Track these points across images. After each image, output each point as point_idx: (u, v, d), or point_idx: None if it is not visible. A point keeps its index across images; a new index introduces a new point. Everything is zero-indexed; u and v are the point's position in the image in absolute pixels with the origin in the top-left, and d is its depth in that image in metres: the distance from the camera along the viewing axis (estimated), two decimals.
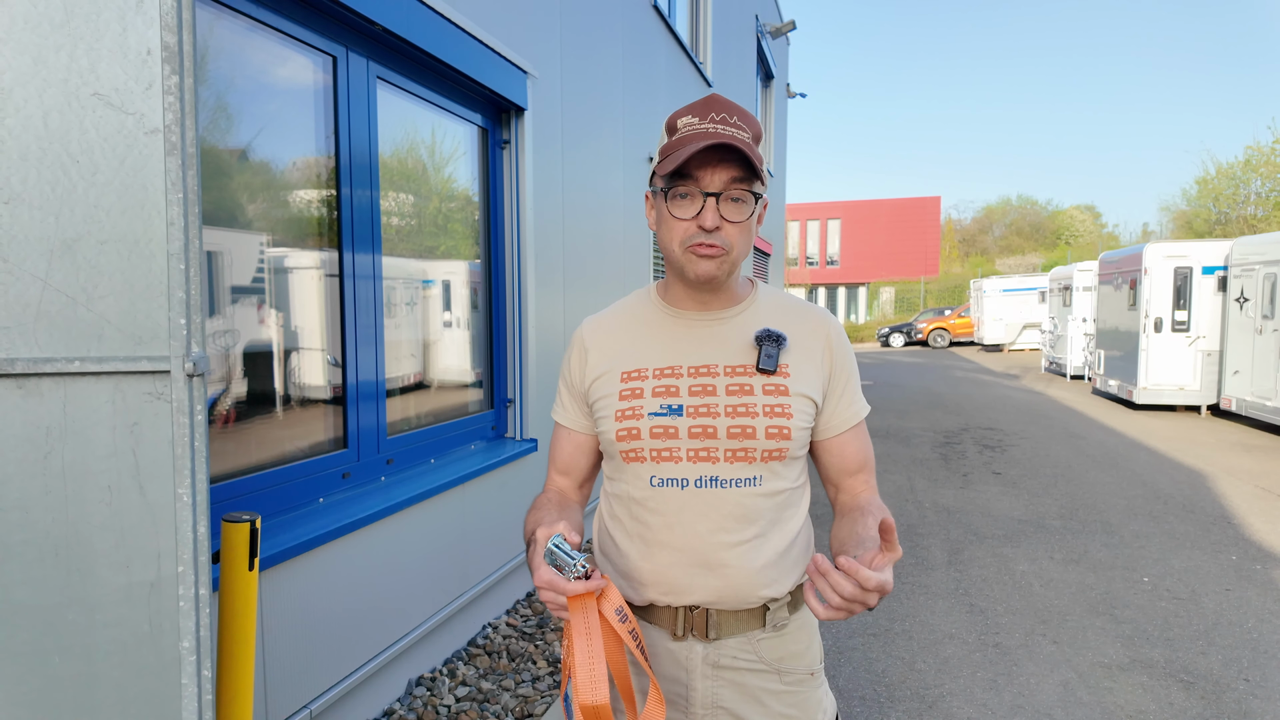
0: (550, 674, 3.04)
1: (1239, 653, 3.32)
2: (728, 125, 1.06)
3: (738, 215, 1.08)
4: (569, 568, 0.95)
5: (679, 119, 1.10)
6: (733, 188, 1.06)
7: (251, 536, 1.58)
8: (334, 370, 2.66)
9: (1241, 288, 9.26)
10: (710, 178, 1.06)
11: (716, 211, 1.06)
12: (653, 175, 1.13)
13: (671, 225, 1.09)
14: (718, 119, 1.07)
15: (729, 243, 1.08)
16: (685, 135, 1.07)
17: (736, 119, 1.07)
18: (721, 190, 1.06)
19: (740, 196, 1.07)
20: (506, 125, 3.74)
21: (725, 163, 1.05)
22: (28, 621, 1.11)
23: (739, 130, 1.07)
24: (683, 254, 1.10)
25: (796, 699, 1.15)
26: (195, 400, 1.15)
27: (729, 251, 1.09)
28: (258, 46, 2.30)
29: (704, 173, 1.06)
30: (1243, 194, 26.75)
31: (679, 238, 1.09)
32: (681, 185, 1.07)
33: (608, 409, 1.16)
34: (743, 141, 1.05)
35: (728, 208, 1.07)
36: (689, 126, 1.08)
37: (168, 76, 1.12)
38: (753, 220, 1.11)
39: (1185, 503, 5.78)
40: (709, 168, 1.05)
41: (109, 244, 1.13)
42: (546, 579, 0.95)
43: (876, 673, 3.18)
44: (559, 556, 0.96)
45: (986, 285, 22.53)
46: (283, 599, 2.18)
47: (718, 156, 1.05)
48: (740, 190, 1.07)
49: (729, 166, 1.06)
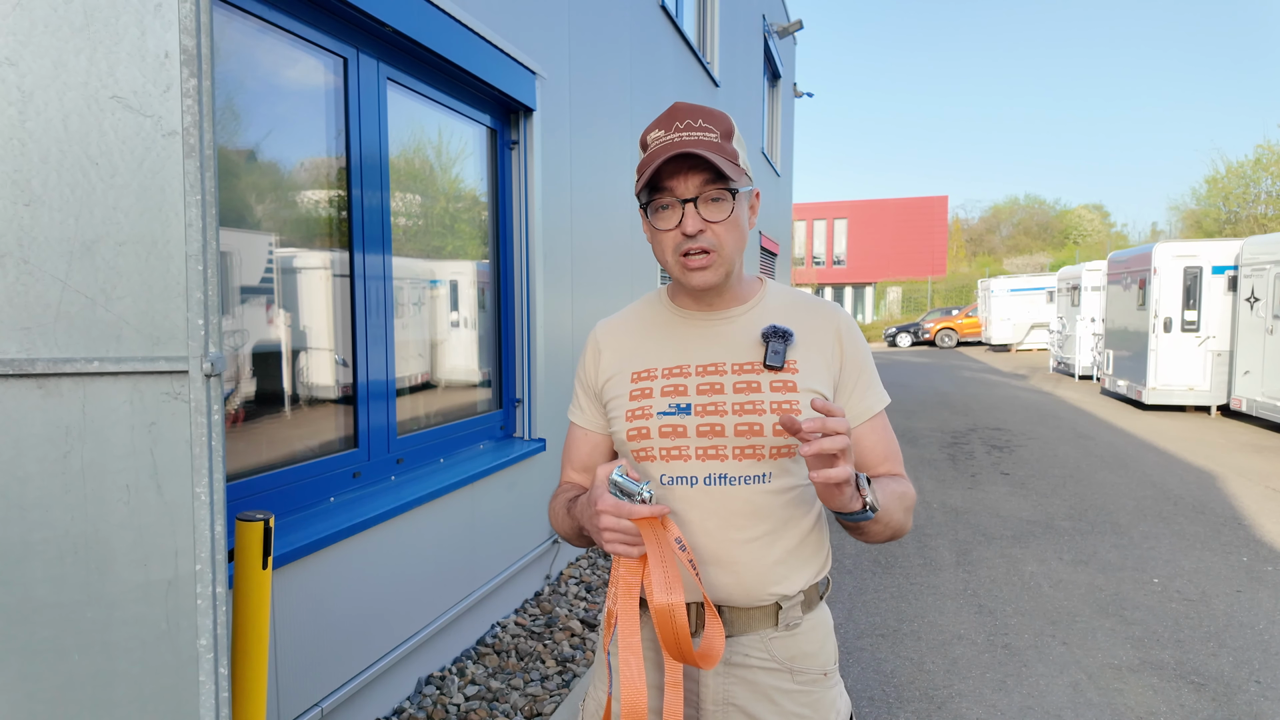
0: (559, 673, 3.04)
1: (1250, 654, 3.31)
2: (692, 130, 1.09)
3: (718, 215, 1.09)
4: (635, 493, 1.01)
5: (648, 135, 1.12)
6: (708, 189, 1.08)
7: (265, 535, 1.59)
8: (344, 370, 2.67)
9: (1252, 287, 9.20)
10: (683, 185, 1.08)
11: (697, 216, 1.08)
12: (637, 194, 1.15)
13: (660, 238, 1.12)
14: (681, 126, 1.09)
15: (716, 242, 1.10)
16: (654, 150, 1.10)
17: (702, 121, 1.09)
18: (696, 195, 1.08)
19: (718, 196, 1.09)
20: (515, 126, 3.75)
21: (695, 169, 1.08)
22: (49, 619, 1.12)
23: (704, 133, 1.09)
24: (677, 266, 1.12)
25: (809, 699, 1.15)
26: (212, 400, 1.16)
27: (719, 251, 1.11)
28: (270, 48, 2.31)
29: (676, 182, 1.08)
30: (1253, 193, 26.61)
31: (669, 248, 1.12)
32: (660, 198, 1.10)
33: (619, 409, 1.18)
34: (707, 144, 1.07)
35: (708, 209, 1.09)
36: (657, 140, 1.10)
37: (186, 79, 1.13)
38: (739, 215, 1.12)
39: (1195, 504, 5.76)
40: (680, 176, 1.08)
41: (127, 245, 1.14)
42: (611, 504, 1.00)
43: (885, 673, 3.18)
44: (624, 485, 1.01)
45: (994, 285, 22.45)
46: (294, 598, 2.20)
47: (687, 164, 1.07)
48: (716, 190, 1.08)
49: (698, 171, 1.08)
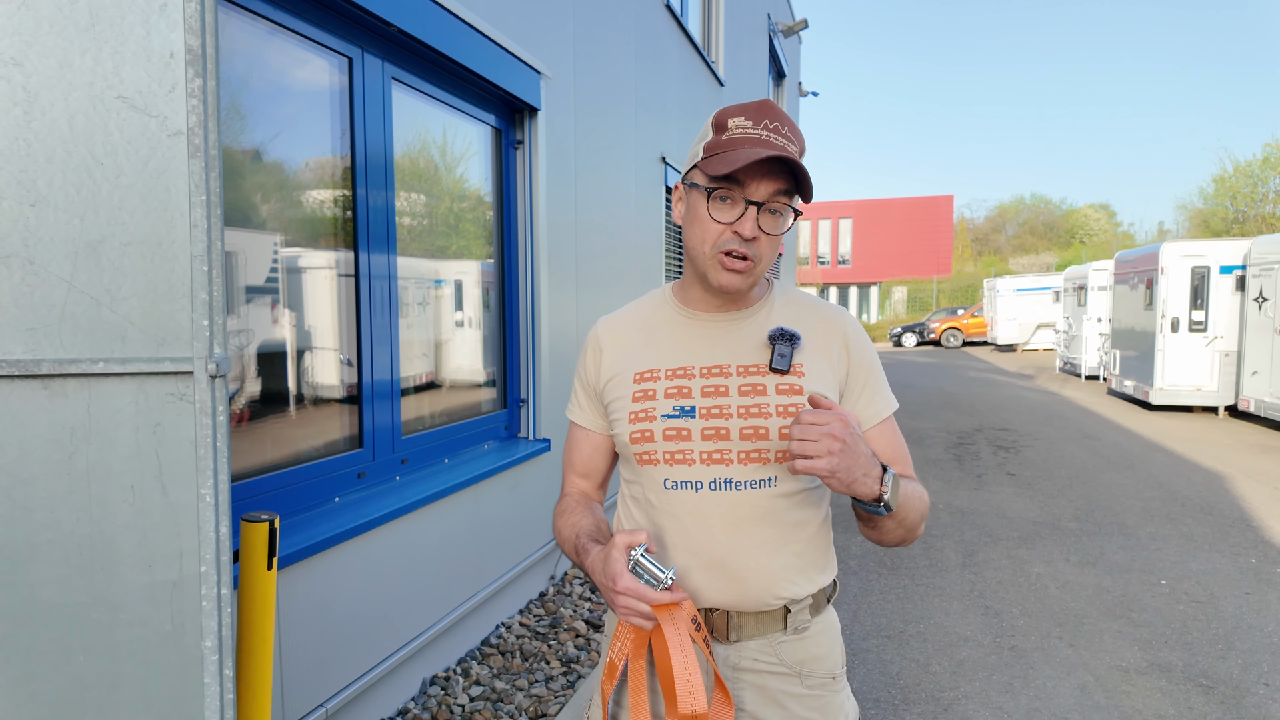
0: (564, 674, 3.04)
1: (1259, 657, 3.29)
2: (780, 135, 1.05)
3: (774, 228, 1.07)
4: (659, 580, 0.97)
5: (730, 118, 1.07)
6: (775, 200, 1.05)
7: (270, 536, 1.58)
8: (349, 370, 2.67)
9: (1260, 287, 9.14)
10: (757, 186, 1.04)
11: (756, 221, 1.05)
12: (691, 169, 1.11)
13: (707, 225, 1.07)
14: (771, 126, 1.05)
15: (759, 254, 1.07)
16: (738, 137, 1.05)
17: (788, 130, 1.06)
18: (765, 200, 1.05)
19: (779, 209, 1.06)
20: (520, 125, 3.74)
21: (774, 174, 1.04)
22: (53, 620, 1.12)
23: (790, 143, 1.05)
24: (713, 260, 1.08)
25: (818, 703, 1.14)
26: (218, 401, 1.16)
27: (757, 264, 1.08)
28: (275, 48, 2.31)
29: (752, 180, 1.04)
30: (1261, 192, 26.44)
31: (712, 239, 1.08)
32: (725, 188, 1.05)
33: (621, 410, 1.16)
34: (794, 155, 1.03)
35: (766, 219, 1.06)
36: (741, 129, 1.05)
37: (191, 79, 1.13)
38: (784, 234, 1.10)
39: (1203, 505, 5.72)
40: (757, 176, 1.04)
41: (132, 246, 1.14)
42: (631, 587, 0.96)
43: (891, 675, 3.17)
44: (647, 567, 0.97)
45: (1000, 285, 22.38)
46: (299, 598, 2.20)
47: (767, 166, 1.04)
48: (781, 204, 1.05)
49: (776, 178, 1.04)
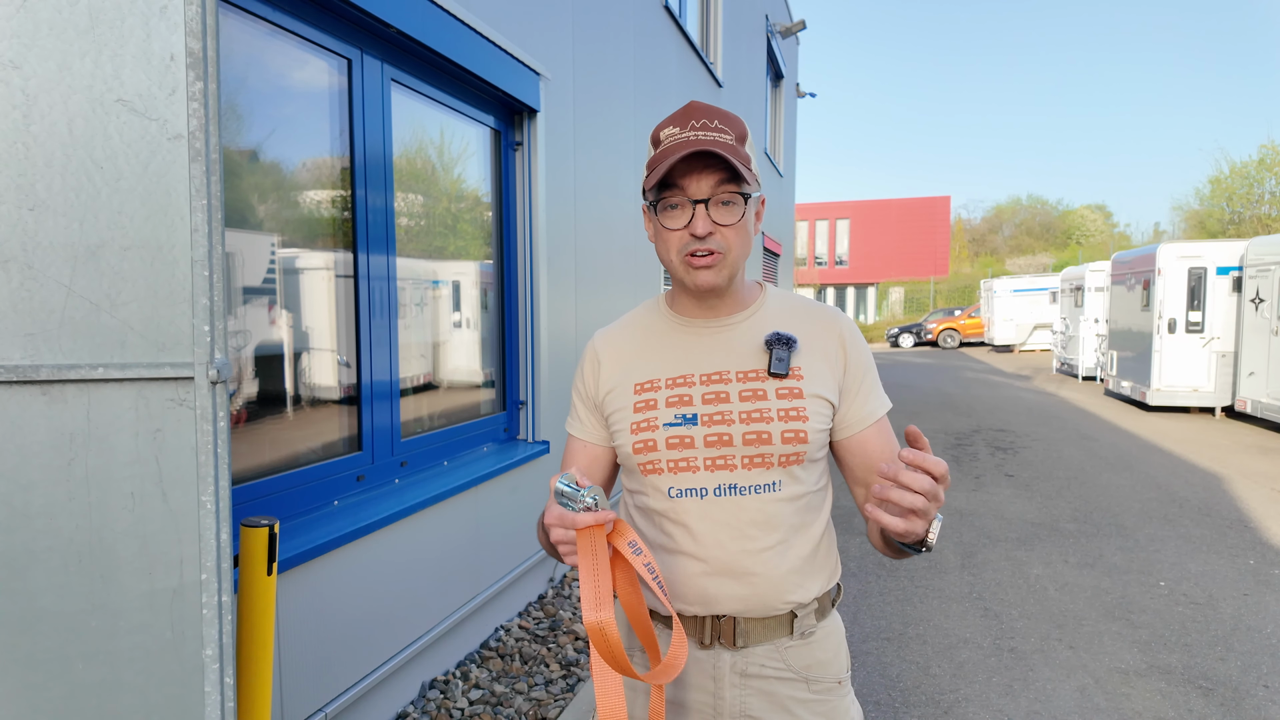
0: (563, 677, 3.03)
1: (1258, 659, 3.29)
2: (708, 130, 1.07)
3: (729, 218, 1.08)
4: (576, 499, 0.93)
5: (661, 131, 1.10)
6: (720, 191, 1.06)
7: (270, 541, 1.57)
8: (348, 372, 2.66)
9: (1257, 288, 9.17)
10: (696, 185, 1.06)
11: (707, 217, 1.06)
12: (645, 190, 1.13)
13: (666, 237, 1.10)
14: (698, 125, 1.07)
15: (725, 245, 1.08)
16: (668, 146, 1.08)
17: (718, 122, 1.08)
18: (709, 196, 1.06)
19: (729, 199, 1.07)
20: (519, 127, 3.74)
21: (709, 169, 1.06)
22: (52, 628, 1.11)
23: (720, 134, 1.07)
24: (681, 265, 1.10)
25: (825, 707, 1.14)
26: (218, 407, 1.15)
27: (726, 254, 1.09)
28: (274, 50, 2.30)
29: (689, 181, 1.06)
30: (1257, 193, 26.53)
31: (675, 248, 1.09)
32: (670, 196, 1.08)
33: (622, 422, 1.16)
34: (724, 145, 1.05)
35: (718, 211, 1.07)
36: (671, 137, 1.08)
37: (192, 82, 1.12)
38: (748, 220, 1.10)
39: (1201, 506, 5.73)
40: (694, 175, 1.06)
41: (132, 250, 1.13)
42: (556, 514, 0.93)
43: (891, 677, 3.17)
44: (566, 493, 0.94)
45: (997, 285, 22.41)
46: (298, 602, 2.18)
47: (701, 163, 1.05)
48: (728, 193, 1.07)
49: (713, 171, 1.06)
